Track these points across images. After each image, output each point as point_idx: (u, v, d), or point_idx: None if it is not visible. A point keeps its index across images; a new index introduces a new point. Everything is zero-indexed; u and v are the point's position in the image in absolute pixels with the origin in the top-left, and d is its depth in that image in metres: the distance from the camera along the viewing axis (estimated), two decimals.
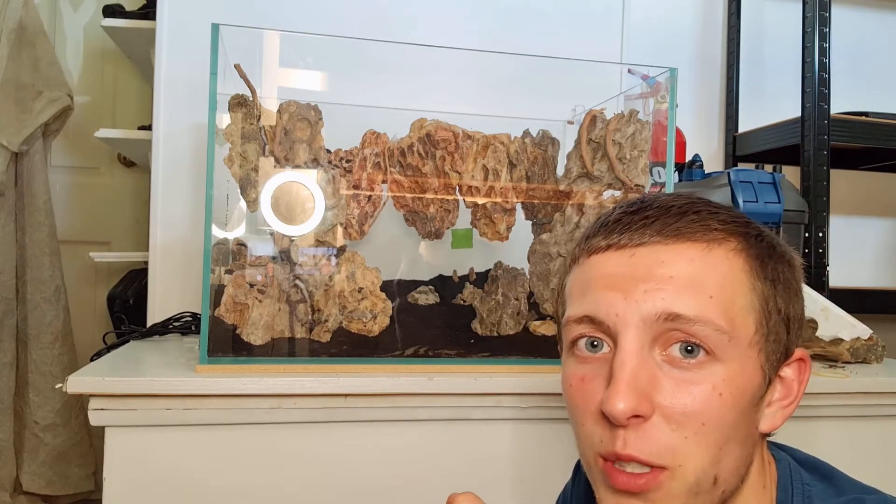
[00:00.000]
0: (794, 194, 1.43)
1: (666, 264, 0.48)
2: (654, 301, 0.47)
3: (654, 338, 0.47)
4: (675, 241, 0.49)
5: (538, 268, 1.05)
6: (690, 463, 0.46)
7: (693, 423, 0.46)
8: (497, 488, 0.91)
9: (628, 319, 0.48)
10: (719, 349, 0.47)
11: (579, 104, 1.15)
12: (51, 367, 1.80)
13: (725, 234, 0.49)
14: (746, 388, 0.47)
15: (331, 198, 0.96)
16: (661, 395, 0.46)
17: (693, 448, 0.46)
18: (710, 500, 0.48)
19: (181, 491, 0.83)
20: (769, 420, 0.50)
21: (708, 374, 0.47)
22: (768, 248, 0.51)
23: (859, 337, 1.09)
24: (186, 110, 1.32)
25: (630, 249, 0.49)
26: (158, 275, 1.33)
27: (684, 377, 0.47)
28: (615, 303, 0.48)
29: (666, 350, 0.47)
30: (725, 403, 0.46)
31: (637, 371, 0.47)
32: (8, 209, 1.75)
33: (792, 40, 1.64)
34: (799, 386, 0.51)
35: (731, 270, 0.48)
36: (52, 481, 1.81)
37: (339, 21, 1.38)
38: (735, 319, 0.47)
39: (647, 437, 0.46)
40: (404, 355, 0.95)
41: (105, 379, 0.79)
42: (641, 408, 0.46)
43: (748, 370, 0.48)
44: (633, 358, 0.47)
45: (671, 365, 0.47)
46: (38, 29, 1.77)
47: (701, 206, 0.51)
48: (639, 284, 0.48)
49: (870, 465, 1.00)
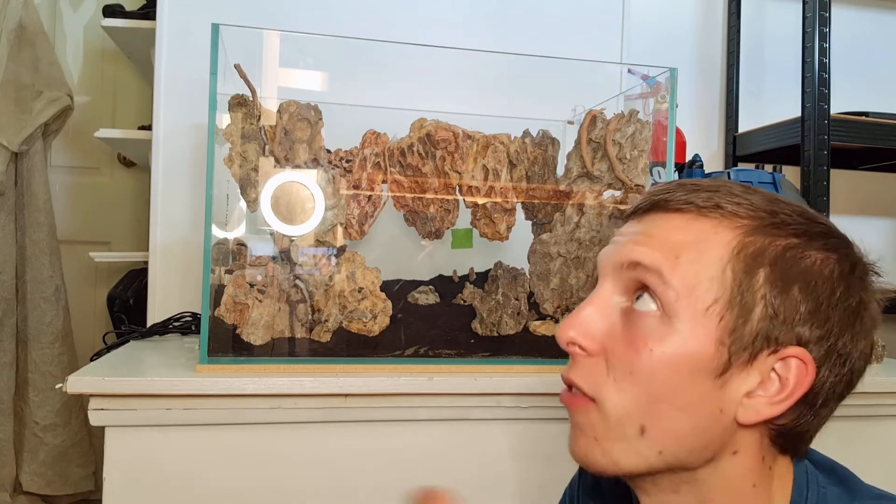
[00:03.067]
0: (794, 194, 1.43)
1: (656, 226, 0.52)
2: (625, 251, 0.52)
3: (624, 287, 0.52)
4: (676, 210, 0.52)
5: (538, 268, 1.05)
6: (611, 402, 0.50)
7: (622, 369, 0.50)
8: (497, 488, 0.91)
9: (605, 266, 0.54)
10: (668, 307, 0.49)
11: (579, 104, 1.15)
12: (51, 366, 1.80)
13: (727, 212, 0.50)
14: (688, 354, 0.48)
15: (331, 198, 0.96)
16: (609, 339, 0.51)
17: (615, 391, 0.50)
18: (642, 455, 0.50)
19: (181, 491, 0.83)
20: (749, 412, 0.49)
21: (647, 326, 0.49)
22: (778, 234, 0.50)
23: None
24: (186, 110, 1.32)
25: (640, 216, 0.54)
26: (158, 275, 1.33)
27: (632, 327, 0.50)
28: (606, 254, 0.54)
29: (629, 300, 0.52)
30: (655, 359, 0.48)
31: (595, 311, 0.52)
32: (8, 209, 1.75)
33: (792, 40, 1.64)
34: (796, 387, 0.49)
35: (709, 240, 0.50)
36: (52, 481, 1.81)
37: (339, 21, 1.38)
38: (696, 286, 0.49)
39: (585, 370, 0.52)
40: (404, 355, 0.95)
41: (105, 379, 0.79)
42: (584, 340, 0.51)
43: (696, 336, 0.48)
44: (599, 300, 0.53)
45: (628, 314, 0.51)
46: (38, 29, 1.77)
47: (724, 187, 0.51)
48: (627, 242, 0.53)
49: (870, 465, 1.00)
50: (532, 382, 0.89)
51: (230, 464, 0.84)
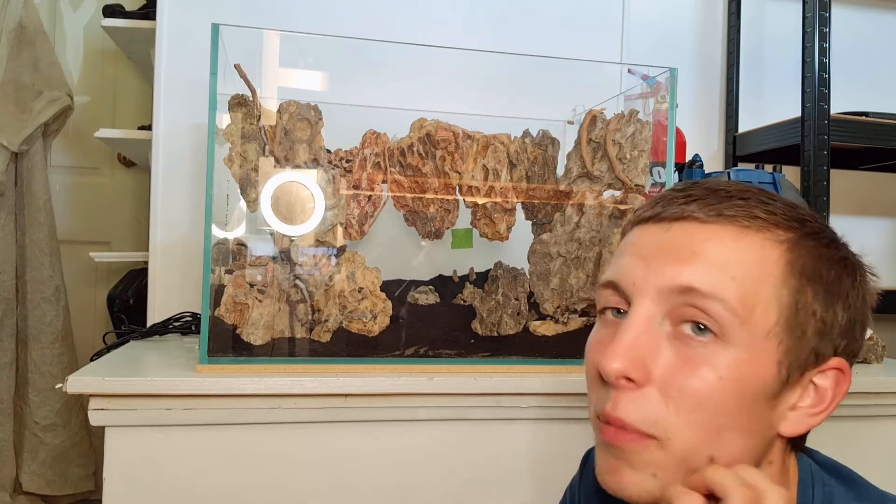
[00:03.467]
0: (794, 194, 1.43)
1: (695, 241, 0.48)
2: (672, 274, 0.47)
3: (668, 311, 0.47)
4: (713, 222, 0.48)
5: (538, 268, 1.05)
6: (679, 439, 0.46)
7: (687, 402, 0.46)
8: (497, 488, 0.91)
9: (643, 288, 0.48)
10: (729, 332, 0.46)
11: (579, 104, 1.15)
12: (51, 366, 1.80)
13: (767, 224, 0.48)
14: (753, 379, 0.46)
15: (331, 198, 0.96)
16: (661, 367, 0.46)
17: (684, 426, 0.46)
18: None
19: (181, 491, 0.83)
20: (792, 424, 0.49)
21: (712, 354, 0.46)
22: (821, 248, 0.49)
23: None
24: (186, 110, 1.32)
25: (667, 223, 0.50)
26: (158, 275, 1.33)
27: (687, 353, 0.46)
28: (635, 270, 0.49)
29: (677, 325, 0.47)
30: (725, 388, 0.45)
31: (639, 337, 0.47)
32: (8, 209, 1.75)
33: (792, 40, 1.64)
34: (833, 397, 0.49)
35: (762, 258, 0.47)
36: (52, 481, 1.81)
37: (339, 21, 1.38)
38: (755, 307, 0.46)
39: (638, 405, 0.46)
40: (404, 355, 0.95)
41: (105, 379, 0.79)
42: (634, 371, 0.46)
43: (759, 361, 0.46)
44: (639, 323, 0.47)
45: (678, 340, 0.47)
46: (38, 29, 1.77)
47: (752, 195, 0.49)
48: (662, 256, 0.48)
49: (870, 465, 1.00)
50: (532, 382, 0.89)
51: (230, 464, 0.84)
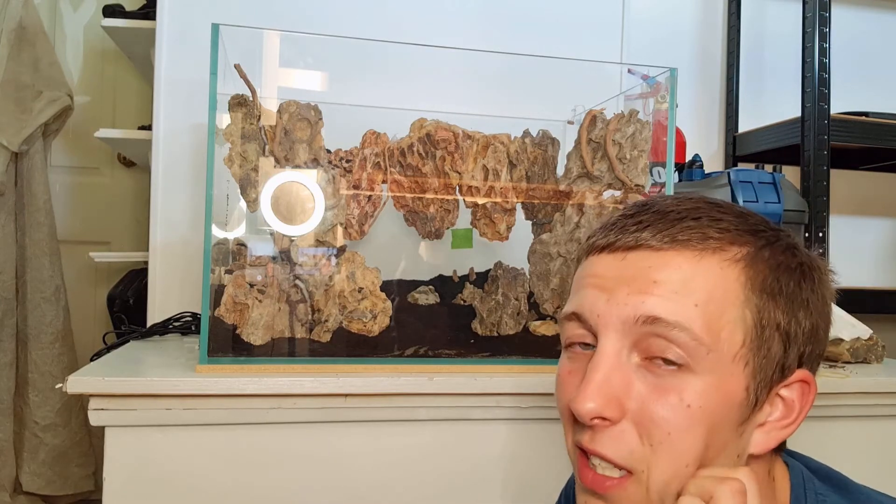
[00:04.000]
0: (794, 194, 1.43)
1: (654, 269, 0.47)
2: (635, 304, 0.47)
3: (634, 342, 0.47)
4: (668, 248, 0.48)
5: (538, 268, 1.05)
6: (655, 471, 0.46)
7: (659, 432, 0.46)
8: (497, 488, 0.91)
9: (608, 321, 0.48)
10: (695, 360, 0.45)
11: (579, 104, 1.15)
12: (51, 367, 1.80)
13: (723, 243, 0.48)
14: (722, 405, 0.46)
15: (331, 198, 0.96)
16: (632, 401, 0.46)
17: (658, 458, 0.46)
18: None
19: (181, 491, 0.83)
20: (761, 441, 0.49)
21: (681, 383, 0.46)
22: (777, 258, 0.49)
23: (859, 337, 1.09)
24: (186, 110, 1.32)
25: (622, 252, 0.49)
26: (158, 275, 1.33)
27: (656, 384, 0.46)
28: (598, 303, 0.49)
29: (641, 354, 0.47)
30: (694, 416, 0.45)
31: (610, 374, 0.47)
32: (8, 209, 1.75)
33: (792, 40, 1.64)
34: (801, 408, 0.49)
35: (722, 280, 0.47)
36: (52, 481, 1.81)
37: (339, 21, 1.38)
38: (720, 332, 0.46)
39: (614, 440, 0.47)
40: (404, 355, 0.95)
41: (105, 379, 0.79)
42: (608, 411, 0.46)
43: (728, 387, 0.46)
44: (608, 360, 0.47)
45: (647, 370, 0.47)
46: (38, 29, 1.77)
47: (703, 213, 0.49)
48: (623, 287, 0.48)
49: (870, 465, 1.00)
50: (532, 382, 0.89)
51: (230, 464, 0.84)
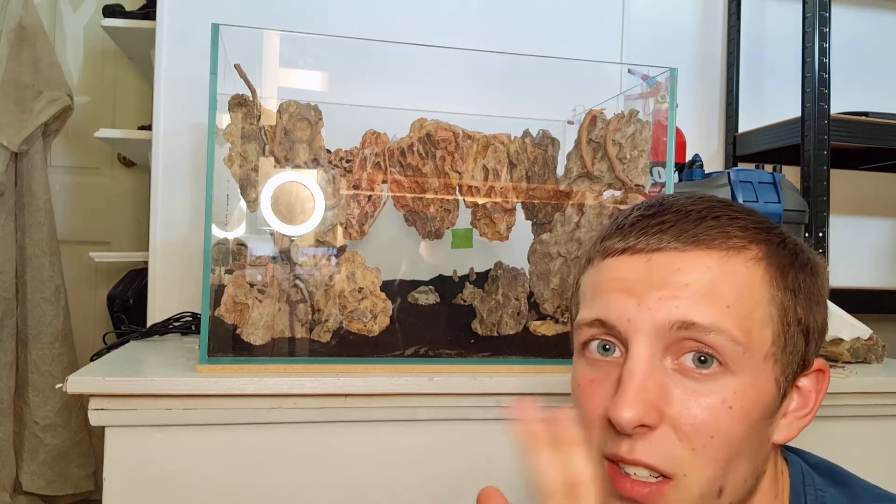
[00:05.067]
0: (794, 194, 1.43)
1: (682, 272, 0.47)
2: (668, 309, 0.46)
3: (667, 346, 0.47)
4: (693, 248, 0.47)
5: (538, 268, 1.05)
6: (696, 475, 0.46)
7: (701, 436, 0.45)
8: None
9: (640, 326, 0.47)
10: (733, 361, 0.46)
11: (579, 104, 1.15)
12: (51, 367, 1.80)
13: (745, 242, 0.48)
14: (759, 402, 0.46)
15: (331, 198, 0.96)
16: (670, 406, 0.46)
17: (700, 461, 0.45)
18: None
19: (181, 491, 0.83)
20: (784, 431, 0.50)
21: (719, 386, 0.46)
22: (790, 255, 0.50)
23: (859, 337, 1.09)
24: (186, 110, 1.32)
25: (646, 255, 0.48)
26: (158, 275, 1.33)
27: (695, 388, 0.46)
28: (627, 308, 0.47)
29: (678, 359, 0.47)
30: (735, 417, 0.45)
31: (646, 380, 0.46)
32: (8, 209, 1.75)
33: (792, 40, 1.64)
34: (816, 397, 0.50)
35: (749, 279, 0.47)
36: (52, 481, 1.81)
37: (339, 21, 1.38)
38: (752, 331, 0.46)
39: (654, 446, 0.46)
40: (404, 355, 0.95)
41: (105, 379, 0.79)
42: (648, 418, 0.45)
43: (762, 383, 0.47)
44: (643, 366, 0.46)
45: (682, 375, 0.46)
46: (38, 29, 1.77)
47: (720, 211, 0.49)
48: (653, 291, 0.47)
49: (870, 465, 1.00)
50: (532, 382, 0.89)
51: (230, 464, 0.84)
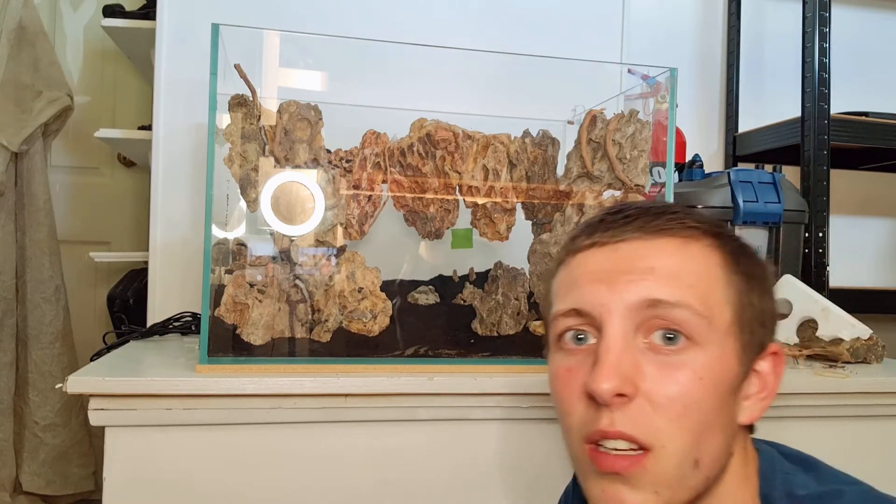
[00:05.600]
0: (794, 194, 1.43)
1: (647, 258, 0.51)
2: (636, 290, 0.50)
3: (638, 325, 0.50)
4: (655, 237, 0.52)
5: (538, 268, 1.05)
6: (672, 444, 0.48)
7: (675, 406, 0.48)
8: (497, 488, 0.91)
9: (613, 308, 0.50)
10: (699, 334, 0.49)
11: (579, 104, 1.15)
12: (51, 366, 1.80)
13: (700, 232, 0.53)
14: (725, 375, 0.50)
15: (331, 198, 0.96)
16: (644, 380, 0.49)
17: (676, 431, 0.48)
18: (693, 486, 0.50)
19: (181, 491, 0.83)
20: (748, 412, 0.53)
21: (688, 359, 0.49)
22: (739, 247, 0.55)
23: (859, 337, 1.09)
24: (186, 110, 1.32)
25: (613, 245, 0.53)
26: (158, 275, 1.33)
27: (666, 362, 0.49)
28: (600, 294, 0.51)
29: (648, 337, 0.50)
30: (706, 387, 0.49)
31: (621, 356, 0.49)
32: (8, 209, 1.75)
33: (792, 40, 1.64)
34: (774, 379, 0.54)
35: (707, 263, 0.52)
36: (52, 481, 1.81)
37: (339, 21, 1.38)
38: (713, 308, 0.50)
39: (632, 418, 0.49)
40: (404, 355, 0.95)
41: (105, 379, 0.79)
42: (625, 387, 0.48)
43: (726, 357, 0.50)
44: (618, 342, 0.50)
45: (653, 352, 0.50)
46: (38, 29, 1.77)
47: (677, 209, 0.55)
48: (622, 276, 0.51)
49: (870, 466, 1.00)
50: (532, 382, 0.89)
51: (230, 464, 0.84)
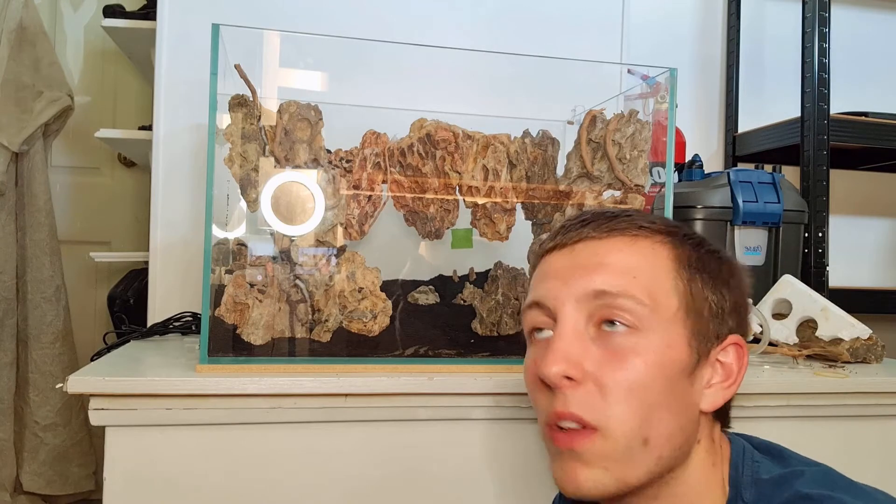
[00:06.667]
0: (794, 194, 1.43)
1: (598, 255, 0.56)
2: (585, 283, 0.55)
3: (589, 316, 0.55)
4: (608, 237, 0.57)
5: None
6: (619, 425, 0.52)
7: (619, 389, 0.53)
8: (497, 488, 0.91)
9: (565, 301, 0.56)
10: (641, 321, 0.53)
11: (579, 104, 1.15)
12: (51, 366, 1.80)
13: (651, 232, 0.57)
14: (671, 358, 0.54)
15: (331, 198, 0.96)
16: (592, 364, 0.54)
17: (621, 411, 0.52)
18: (646, 465, 0.53)
19: (181, 491, 0.83)
20: (710, 399, 0.56)
21: (633, 343, 0.53)
22: (694, 244, 0.59)
23: (859, 337, 1.09)
24: (186, 110, 1.32)
25: (570, 246, 0.58)
26: (159, 275, 1.33)
27: (612, 348, 0.54)
28: (555, 288, 0.57)
29: (597, 326, 0.55)
30: (649, 370, 0.53)
31: (570, 342, 0.54)
32: (8, 209, 1.75)
33: (792, 40, 1.64)
34: (739, 369, 0.57)
35: (655, 257, 0.56)
36: (53, 481, 1.81)
37: (339, 21, 1.38)
38: (658, 296, 0.54)
39: (582, 399, 0.53)
40: (404, 355, 0.95)
41: (105, 379, 0.79)
42: (572, 371, 0.53)
43: (672, 341, 0.54)
44: (567, 331, 0.55)
45: (602, 339, 0.54)
46: (39, 29, 1.78)
47: (633, 213, 0.60)
48: (575, 272, 0.56)
49: (870, 465, 1.00)
50: None
51: (230, 464, 0.84)
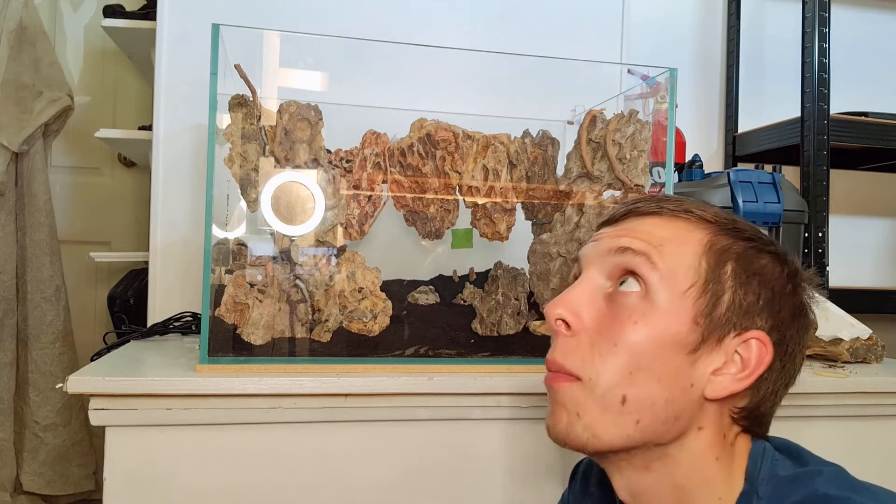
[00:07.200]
0: (794, 194, 1.43)
1: (636, 225, 0.58)
2: (611, 241, 0.58)
3: (608, 272, 0.57)
4: (652, 213, 0.59)
5: (538, 268, 1.05)
6: (599, 378, 0.54)
7: (606, 343, 0.54)
8: (497, 488, 0.91)
9: (592, 258, 0.59)
10: (652, 287, 0.54)
11: (579, 104, 1.15)
12: (51, 366, 1.80)
13: (695, 217, 0.58)
14: (667, 329, 0.54)
15: (331, 198, 0.96)
16: (592, 320, 0.56)
17: (603, 365, 0.54)
18: (622, 427, 0.54)
19: (181, 491, 0.83)
20: (716, 387, 0.55)
21: (631, 304, 0.55)
22: (742, 239, 0.58)
23: (859, 337, 1.09)
24: (186, 110, 1.32)
25: (617, 222, 0.61)
26: (159, 275, 1.33)
27: (617, 306, 0.55)
28: (590, 248, 0.60)
29: (613, 283, 0.57)
30: (639, 332, 0.54)
31: (581, 293, 0.57)
32: (8, 209, 1.75)
33: (792, 40, 1.64)
34: (756, 366, 0.56)
35: (686, 235, 0.57)
36: (53, 481, 1.81)
37: (339, 21, 1.38)
38: (676, 269, 0.55)
39: (571, 349, 0.56)
40: (404, 355, 0.95)
41: (105, 379, 0.79)
42: (568, 316, 0.56)
43: (675, 314, 0.54)
44: (583, 283, 0.58)
45: (611, 296, 0.57)
46: (39, 29, 1.78)
47: (687, 200, 0.59)
48: (611, 235, 0.59)
49: (870, 465, 1.00)
50: (532, 382, 0.89)
51: (230, 464, 0.84)
